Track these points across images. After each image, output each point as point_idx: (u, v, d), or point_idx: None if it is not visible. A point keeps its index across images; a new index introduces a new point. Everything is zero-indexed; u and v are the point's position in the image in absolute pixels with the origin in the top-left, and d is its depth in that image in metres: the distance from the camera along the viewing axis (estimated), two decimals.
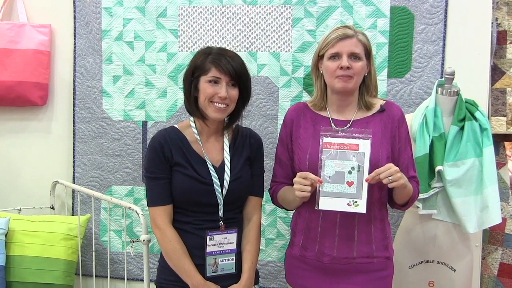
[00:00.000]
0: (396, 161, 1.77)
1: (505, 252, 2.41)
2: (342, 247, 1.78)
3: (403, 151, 1.81)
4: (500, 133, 2.36)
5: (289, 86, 2.49)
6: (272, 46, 2.50)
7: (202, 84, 1.72)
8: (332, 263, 1.79)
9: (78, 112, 2.68)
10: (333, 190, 1.71)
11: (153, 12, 2.57)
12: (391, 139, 1.79)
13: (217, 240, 1.77)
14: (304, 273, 1.84)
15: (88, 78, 2.66)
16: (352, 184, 1.70)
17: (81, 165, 2.69)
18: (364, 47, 1.77)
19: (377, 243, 1.80)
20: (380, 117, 1.80)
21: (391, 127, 1.79)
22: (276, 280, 2.57)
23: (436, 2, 2.36)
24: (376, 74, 1.86)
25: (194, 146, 1.79)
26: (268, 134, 2.53)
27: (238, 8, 2.51)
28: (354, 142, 1.70)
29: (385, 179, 1.64)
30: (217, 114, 1.74)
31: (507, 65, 2.38)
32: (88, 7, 2.62)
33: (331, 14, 2.44)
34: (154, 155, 1.75)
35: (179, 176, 1.75)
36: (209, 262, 1.76)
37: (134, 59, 2.60)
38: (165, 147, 1.75)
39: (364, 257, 1.78)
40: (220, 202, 1.76)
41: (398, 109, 1.83)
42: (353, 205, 1.69)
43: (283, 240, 2.54)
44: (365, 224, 1.78)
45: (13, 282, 2.41)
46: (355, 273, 1.79)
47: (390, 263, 1.83)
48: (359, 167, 1.69)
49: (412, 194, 1.77)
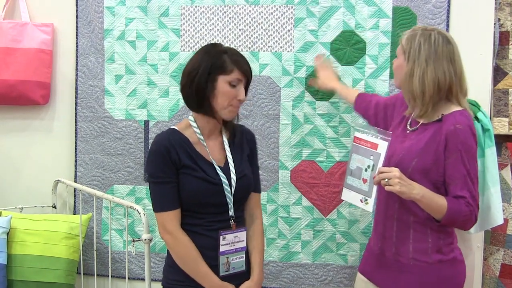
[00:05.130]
0: (441, 176, 1.76)
1: (506, 253, 2.40)
2: (384, 241, 1.90)
3: (451, 167, 1.74)
4: (502, 134, 2.37)
5: (291, 86, 2.50)
6: (274, 46, 2.50)
7: (222, 84, 1.71)
8: (380, 253, 1.92)
9: (80, 111, 2.68)
10: (353, 184, 1.80)
11: (155, 11, 2.57)
12: (435, 152, 1.76)
13: (229, 239, 1.78)
14: (368, 259, 2.02)
15: (90, 77, 2.66)
16: (366, 182, 1.75)
17: (83, 164, 2.70)
18: (402, 48, 1.82)
19: (415, 245, 1.82)
20: (436, 127, 1.78)
21: (439, 140, 1.76)
22: (278, 280, 2.57)
23: (438, 3, 2.36)
24: (419, 79, 1.76)
25: (197, 147, 1.78)
26: (270, 134, 2.53)
27: (240, 7, 2.51)
28: (375, 142, 1.75)
29: (382, 181, 1.68)
30: (232, 115, 1.77)
31: (510, 66, 2.38)
32: (90, 6, 2.62)
33: (334, 14, 2.44)
34: (160, 159, 1.72)
35: (188, 178, 1.73)
36: (222, 261, 1.77)
37: (136, 59, 2.61)
38: (171, 151, 1.73)
39: (398, 254, 1.85)
40: (230, 201, 1.77)
41: (452, 123, 1.74)
42: (364, 202, 1.75)
43: (285, 240, 2.54)
44: (404, 223, 1.84)
45: (14, 281, 2.41)
46: (394, 269, 1.88)
47: (433, 270, 1.81)
48: (373, 166, 1.73)
49: (446, 211, 1.71)
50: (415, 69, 1.76)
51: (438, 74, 1.74)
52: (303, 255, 2.55)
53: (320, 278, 2.54)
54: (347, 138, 2.47)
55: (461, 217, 1.73)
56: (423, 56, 1.75)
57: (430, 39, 1.76)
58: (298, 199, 2.53)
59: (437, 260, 1.81)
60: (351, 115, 2.46)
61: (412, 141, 1.82)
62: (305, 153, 2.52)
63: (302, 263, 2.55)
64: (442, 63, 1.75)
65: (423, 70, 1.75)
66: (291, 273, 2.56)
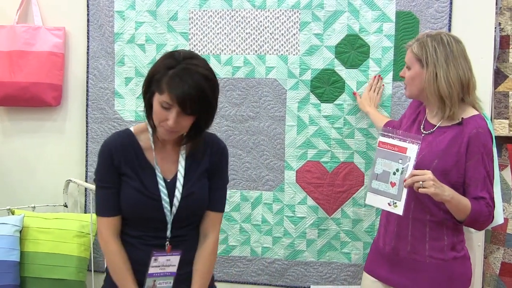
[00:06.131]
0: (461, 177, 1.80)
1: (506, 252, 2.44)
2: (398, 241, 1.91)
3: (473, 170, 1.78)
4: (502, 135, 2.39)
5: (296, 89, 2.54)
6: (280, 49, 2.54)
7: (155, 102, 1.51)
8: (392, 253, 1.93)
9: (91, 112, 2.72)
10: (378, 188, 1.79)
11: (164, 15, 2.61)
12: (456, 154, 1.79)
13: (160, 261, 1.62)
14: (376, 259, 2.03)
15: (101, 80, 2.70)
16: (395, 185, 1.75)
17: (93, 164, 2.71)
18: (414, 55, 1.84)
19: (431, 243, 1.85)
20: (456, 130, 1.81)
21: (460, 142, 1.79)
22: (283, 278, 2.61)
23: (440, 7, 2.40)
24: (444, 80, 1.79)
25: (148, 154, 1.63)
26: (276, 135, 2.57)
27: (247, 12, 2.56)
28: (403, 145, 1.76)
29: (416, 184, 1.68)
30: (166, 136, 1.57)
31: (510, 69, 2.41)
32: (101, 11, 2.67)
33: (338, 18, 2.48)
34: (103, 162, 1.61)
35: (126, 187, 1.61)
36: (148, 284, 1.63)
37: (145, 61, 2.65)
38: (114, 155, 1.60)
39: (414, 253, 1.87)
40: (169, 220, 1.62)
41: (474, 126, 1.79)
42: (393, 205, 1.75)
43: (290, 238, 2.58)
44: (420, 222, 1.86)
45: (27, 278, 2.45)
46: (408, 268, 1.89)
47: (448, 267, 1.85)
48: (402, 170, 1.73)
49: (469, 213, 1.75)
50: (438, 71, 1.79)
51: (460, 73, 1.80)
52: (308, 253, 2.58)
53: (324, 276, 2.57)
54: (351, 139, 2.50)
55: (482, 218, 1.78)
56: (441, 58, 1.79)
57: (442, 41, 1.81)
58: (303, 199, 2.56)
59: (452, 257, 1.85)
60: (355, 117, 2.49)
61: (430, 143, 1.85)
62: (310, 154, 2.55)
63: (307, 261, 2.59)
64: (460, 62, 1.81)
65: (445, 71, 1.79)
66: (296, 270, 2.60)
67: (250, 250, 2.64)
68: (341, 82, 2.50)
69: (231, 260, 2.66)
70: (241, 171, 2.62)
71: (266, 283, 2.65)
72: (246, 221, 2.63)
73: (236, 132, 2.61)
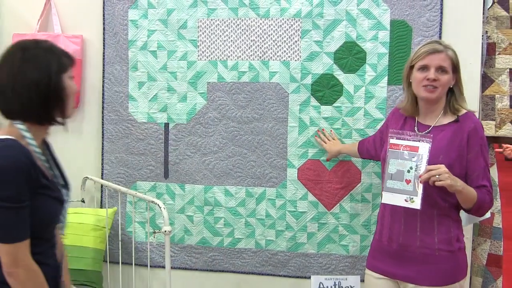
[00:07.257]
0: (463, 169, 1.89)
1: (493, 244, 2.52)
2: (406, 236, 1.95)
3: (474, 161, 1.89)
4: (489, 135, 2.45)
5: (298, 92, 2.61)
6: (282, 55, 2.61)
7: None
8: (400, 249, 1.96)
9: (107, 114, 2.79)
10: (394, 187, 1.88)
11: (174, 24, 2.69)
12: (458, 148, 1.89)
13: None
14: (380, 256, 2.05)
15: (116, 84, 2.77)
16: (410, 182, 1.84)
17: (109, 163, 2.81)
18: (452, 61, 1.92)
19: (440, 236, 1.91)
20: (454, 127, 1.92)
21: (460, 138, 1.89)
22: (285, 268, 2.69)
23: (432, 17, 2.47)
24: (462, 85, 1.98)
25: (38, 162, 1.46)
26: (279, 135, 2.64)
27: (252, 20, 2.63)
28: (415, 145, 1.86)
29: (433, 178, 1.78)
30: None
31: (496, 74, 2.48)
32: (116, 20, 2.74)
33: (337, 27, 2.55)
34: (21, 179, 1.36)
35: (46, 199, 1.45)
36: None
37: (157, 67, 2.72)
38: (31, 168, 1.39)
39: (424, 247, 1.92)
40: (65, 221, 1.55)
41: (472, 122, 1.91)
42: (410, 201, 1.84)
43: (292, 231, 2.66)
44: (428, 216, 1.91)
45: None
46: (417, 261, 1.93)
47: (454, 257, 1.92)
48: (416, 167, 1.83)
49: (476, 201, 1.85)
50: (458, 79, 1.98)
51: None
52: (309, 245, 2.66)
53: (324, 266, 2.66)
54: (349, 139, 2.57)
55: (486, 204, 1.90)
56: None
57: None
58: (304, 195, 2.65)
59: (457, 248, 1.93)
60: (352, 118, 2.57)
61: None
62: (310, 153, 2.63)
63: (308, 253, 2.67)
64: None
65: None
66: (298, 262, 2.68)
67: (255, 242, 2.72)
68: (339, 86, 2.58)
69: (237, 252, 2.75)
70: (246, 169, 2.71)
71: (270, 273, 2.72)
72: (251, 215, 2.72)
73: (241, 132, 2.70)
